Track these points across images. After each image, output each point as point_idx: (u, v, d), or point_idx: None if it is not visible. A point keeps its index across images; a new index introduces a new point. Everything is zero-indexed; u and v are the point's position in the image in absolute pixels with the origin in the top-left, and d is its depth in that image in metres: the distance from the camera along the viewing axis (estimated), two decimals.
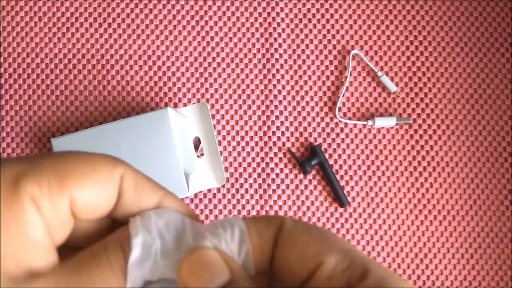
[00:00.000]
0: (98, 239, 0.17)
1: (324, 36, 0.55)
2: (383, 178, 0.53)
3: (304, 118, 0.53)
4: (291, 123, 0.53)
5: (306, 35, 0.54)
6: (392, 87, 0.53)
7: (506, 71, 0.54)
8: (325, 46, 0.54)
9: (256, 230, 0.17)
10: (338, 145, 0.53)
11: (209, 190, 0.52)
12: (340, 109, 0.54)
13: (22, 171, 0.15)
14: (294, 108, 0.53)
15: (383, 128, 0.53)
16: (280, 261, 0.17)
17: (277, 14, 0.54)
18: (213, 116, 0.53)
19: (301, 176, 0.53)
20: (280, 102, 0.53)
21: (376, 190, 0.53)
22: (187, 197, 0.52)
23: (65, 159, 0.16)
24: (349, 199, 0.53)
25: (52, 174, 0.15)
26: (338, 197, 0.52)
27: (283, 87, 0.54)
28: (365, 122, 0.53)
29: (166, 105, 0.53)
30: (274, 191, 0.52)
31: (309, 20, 0.55)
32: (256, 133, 0.53)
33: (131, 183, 0.17)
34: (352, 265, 0.16)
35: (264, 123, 0.53)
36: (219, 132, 0.53)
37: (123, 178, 0.17)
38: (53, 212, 0.15)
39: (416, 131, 0.54)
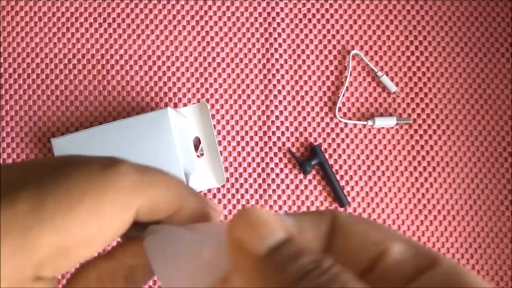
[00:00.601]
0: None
1: (324, 36, 0.55)
2: (383, 178, 0.53)
3: (304, 118, 0.53)
4: (291, 123, 0.53)
5: (306, 35, 0.54)
6: (392, 87, 0.53)
7: (506, 71, 0.54)
8: (325, 46, 0.54)
9: (310, 223, 0.17)
10: (338, 145, 0.53)
11: (209, 190, 0.52)
12: (340, 109, 0.54)
13: (39, 265, 0.15)
14: (294, 108, 0.53)
15: (383, 128, 0.53)
16: (336, 252, 0.16)
17: (277, 14, 0.54)
18: (213, 116, 0.53)
19: (301, 176, 0.53)
20: (280, 102, 0.53)
21: (376, 190, 0.53)
22: None
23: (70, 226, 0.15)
24: (349, 199, 0.52)
25: (65, 252, 0.15)
26: (338, 197, 0.52)
27: (283, 87, 0.54)
28: (365, 122, 0.53)
29: (166, 105, 0.53)
30: (274, 191, 0.52)
31: (309, 20, 0.55)
32: (256, 133, 0.53)
33: (146, 212, 0.17)
34: (420, 252, 0.15)
35: (264, 123, 0.53)
36: (219, 132, 0.53)
37: (139, 209, 0.17)
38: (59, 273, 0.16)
39: (416, 131, 0.54)
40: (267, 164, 0.53)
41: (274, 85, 0.54)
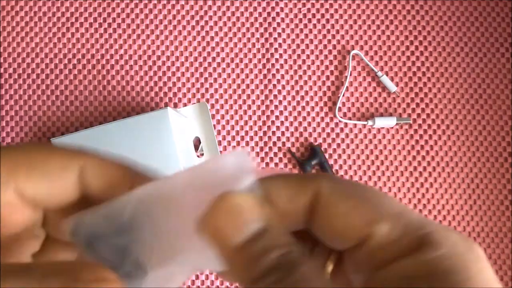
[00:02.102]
0: None
1: (324, 36, 0.55)
2: (383, 178, 0.53)
3: (304, 118, 0.53)
4: (291, 123, 0.53)
5: (306, 35, 0.54)
6: (392, 87, 0.53)
7: (506, 71, 0.54)
8: (325, 46, 0.54)
9: (287, 194, 0.16)
10: (338, 145, 0.53)
11: None
12: (340, 109, 0.54)
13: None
14: (294, 108, 0.53)
15: (383, 128, 0.53)
16: (320, 231, 0.16)
17: (277, 14, 0.54)
18: (213, 116, 0.53)
19: None
20: (280, 102, 0.53)
21: None
22: None
23: (17, 152, 0.17)
24: None
25: (3, 166, 0.16)
26: None
27: (283, 87, 0.54)
28: (365, 122, 0.53)
29: (166, 105, 0.53)
30: None
31: (309, 20, 0.55)
32: (256, 133, 0.53)
33: (96, 175, 0.17)
34: (407, 232, 0.14)
35: (264, 123, 0.53)
36: (219, 132, 0.53)
37: (85, 171, 0.17)
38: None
39: (416, 131, 0.54)
40: (267, 164, 0.53)
41: (274, 85, 0.54)
